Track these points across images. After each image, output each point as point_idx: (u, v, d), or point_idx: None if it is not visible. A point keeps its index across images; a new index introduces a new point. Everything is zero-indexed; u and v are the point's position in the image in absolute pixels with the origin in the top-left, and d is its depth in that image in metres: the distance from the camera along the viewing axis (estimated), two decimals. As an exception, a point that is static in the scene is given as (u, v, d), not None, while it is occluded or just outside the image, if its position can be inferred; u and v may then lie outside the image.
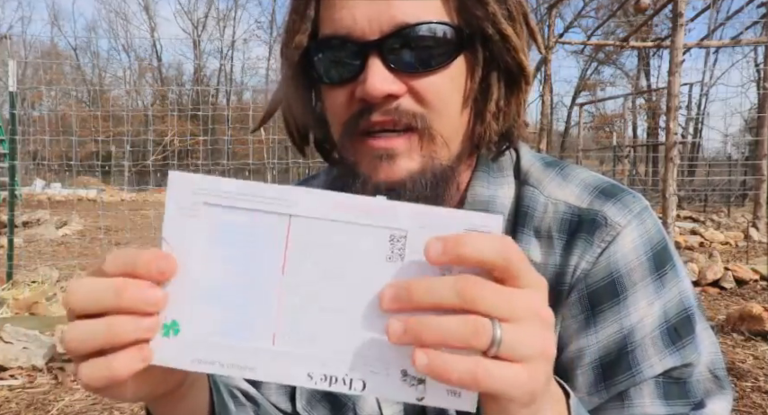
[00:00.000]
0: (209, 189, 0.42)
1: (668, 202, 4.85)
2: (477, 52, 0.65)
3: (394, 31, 0.61)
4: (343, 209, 0.41)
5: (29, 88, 25.66)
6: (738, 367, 3.28)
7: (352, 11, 0.61)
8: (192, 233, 0.43)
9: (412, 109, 0.62)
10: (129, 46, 39.12)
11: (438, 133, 0.64)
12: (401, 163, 0.63)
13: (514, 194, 0.71)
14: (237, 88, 35.28)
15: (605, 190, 0.69)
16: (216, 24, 39.14)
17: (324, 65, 0.65)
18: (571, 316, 0.66)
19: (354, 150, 0.65)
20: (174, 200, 0.43)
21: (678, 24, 4.84)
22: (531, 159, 0.74)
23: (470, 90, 0.66)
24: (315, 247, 0.42)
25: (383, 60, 0.61)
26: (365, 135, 0.64)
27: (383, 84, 0.60)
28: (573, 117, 31.70)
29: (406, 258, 0.41)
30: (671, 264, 0.66)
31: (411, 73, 0.62)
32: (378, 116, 0.62)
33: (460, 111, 0.66)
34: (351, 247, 0.41)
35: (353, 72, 0.62)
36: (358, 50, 0.62)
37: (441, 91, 0.63)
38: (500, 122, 0.68)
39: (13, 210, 5.67)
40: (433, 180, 0.64)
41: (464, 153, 0.69)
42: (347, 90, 0.64)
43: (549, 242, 0.68)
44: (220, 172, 8.90)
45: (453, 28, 0.62)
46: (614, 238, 0.65)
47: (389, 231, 0.41)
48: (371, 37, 0.61)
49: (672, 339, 0.64)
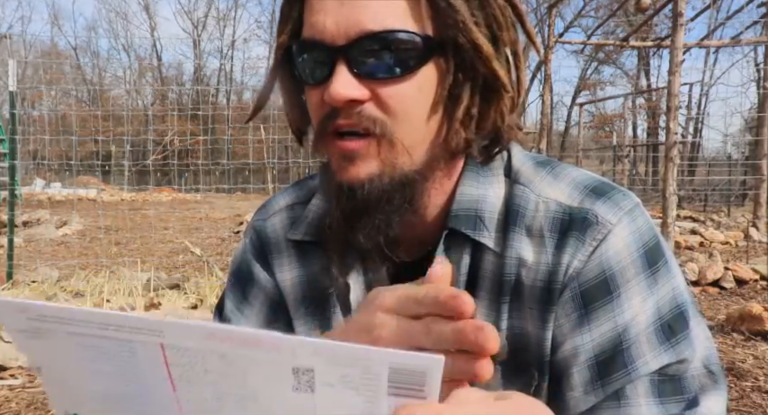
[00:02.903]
0: (46, 316, 0.37)
1: (668, 202, 4.85)
2: (449, 60, 0.65)
3: (359, 38, 0.61)
4: (219, 341, 0.35)
5: (29, 88, 25.66)
6: (738, 367, 3.29)
7: (324, 15, 0.63)
8: (52, 352, 0.39)
9: (373, 115, 0.63)
10: (129, 46, 39.17)
11: (399, 140, 0.64)
12: (360, 164, 0.65)
13: (505, 193, 0.72)
14: (237, 88, 35.31)
15: (596, 189, 0.69)
16: (216, 24, 39.23)
17: (304, 65, 0.66)
18: (564, 315, 0.66)
19: (326, 149, 0.67)
20: (10, 325, 0.38)
21: (678, 24, 4.84)
22: (522, 158, 0.74)
23: (440, 97, 0.65)
24: (201, 373, 0.37)
25: (348, 66, 0.62)
26: (335, 136, 0.65)
27: (345, 90, 0.61)
28: (573, 117, 31.75)
29: (317, 390, 0.36)
30: (663, 261, 0.67)
31: (375, 79, 0.63)
32: (342, 119, 0.64)
33: (427, 119, 0.66)
34: (245, 375, 0.37)
35: (324, 76, 0.64)
36: (327, 55, 0.63)
37: (404, 98, 0.64)
38: (471, 130, 0.67)
39: (13, 210, 5.67)
40: (391, 184, 0.65)
41: (435, 159, 0.69)
42: (320, 92, 0.65)
43: (540, 241, 0.68)
44: (220, 171, 8.90)
45: (421, 37, 0.63)
46: (605, 236, 0.66)
47: (290, 364, 0.36)
48: (339, 42, 0.62)
49: (666, 336, 0.64)
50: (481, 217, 0.69)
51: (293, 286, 0.79)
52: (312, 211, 0.80)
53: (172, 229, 9.90)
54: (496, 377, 0.69)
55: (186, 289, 4.78)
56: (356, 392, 0.36)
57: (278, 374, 0.36)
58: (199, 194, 16.22)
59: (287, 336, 0.35)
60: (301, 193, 0.84)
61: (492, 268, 0.69)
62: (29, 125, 11.98)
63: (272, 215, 0.84)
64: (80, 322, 0.37)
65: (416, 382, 0.35)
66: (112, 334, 0.37)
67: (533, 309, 0.67)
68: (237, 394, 0.37)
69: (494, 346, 0.44)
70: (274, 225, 0.83)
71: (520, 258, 0.68)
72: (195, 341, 0.36)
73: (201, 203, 15.02)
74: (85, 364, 0.39)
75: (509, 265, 0.68)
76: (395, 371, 0.35)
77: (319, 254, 0.78)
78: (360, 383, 0.35)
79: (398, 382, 0.35)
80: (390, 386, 0.35)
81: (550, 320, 0.67)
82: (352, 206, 0.65)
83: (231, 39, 37.71)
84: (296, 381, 0.36)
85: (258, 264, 0.82)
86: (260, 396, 0.37)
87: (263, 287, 0.82)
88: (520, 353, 0.69)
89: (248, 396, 0.37)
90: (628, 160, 15.95)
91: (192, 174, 15.48)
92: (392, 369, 0.35)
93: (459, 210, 0.70)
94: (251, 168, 10.50)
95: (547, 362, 0.67)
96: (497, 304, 0.69)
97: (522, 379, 0.69)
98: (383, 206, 0.65)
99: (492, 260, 0.69)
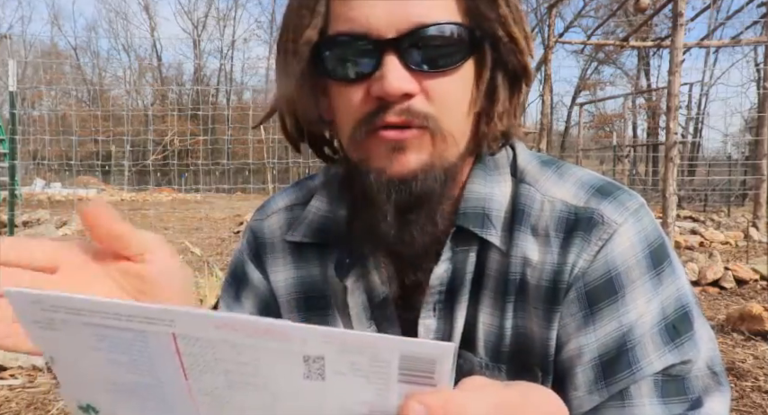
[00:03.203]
0: (59, 306, 0.37)
1: (668, 202, 4.85)
2: (486, 54, 0.65)
3: (410, 31, 0.61)
4: (231, 330, 0.36)
5: (29, 88, 25.65)
6: (738, 367, 3.28)
7: (368, 9, 0.61)
8: (66, 343, 0.39)
9: (424, 109, 0.63)
10: (129, 46, 39.17)
11: (449, 133, 0.64)
12: (412, 155, 0.64)
13: (511, 192, 0.72)
14: (237, 88, 35.30)
15: (602, 189, 0.69)
16: (216, 24, 39.21)
17: (335, 61, 0.64)
18: (569, 314, 0.66)
19: (366, 145, 0.65)
20: (24, 317, 0.39)
21: (678, 24, 4.84)
22: (528, 157, 0.74)
23: (479, 91, 0.66)
24: (213, 362, 0.37)
25: (400, 59, 0.61)
26: (378, 129, 0.64)
27: (401, 83, 0.61)
28: (573, 116, 31.73)
29: (327, 378, 0.36)
30: (668, 261, 0.67)
31: (425, 72, 0.62)
32: (392, 116, 0.62)
33: (468, 111, 0.67)
34: (256, 364, 0.37)
35: (369, 70, 0.62)
36: (374, 48, 0.62)
37: (452, 91, 0.64)
38: (504, 122, 0.69)
39: (13, 210, 5.68)
40: (443, 175, 0.65)
41: (468, 151, 0.70)
42: (362, 88, 0.63)
43: (546, 241, 0.68)
44: (220, 171, 8.91)
45: (467, 29, 0.63)
46: (611, 236, 0.66)
47: (301, 353, 0.36)
48: (388, 35, 0.61)
49: (671, 337, 0.64)
50: (489, 216, 0.69)
51: (286, 288, 0.79)
52: (311, 212, 0.79)
53: (172, 229, 9.90)
54: (501, 377, 0.70)
55: (186, 289, 4.78)
56: (366, 379, 0.36)
57: (289, 362, 0.36)
58: (199, 194, 16.21)
59: (297, 325, 0.35)
60: (300, 194, 0.84)
61: (497, 267, 0.69)
62: (29, 125, 11.98)
63: (270, 215, 0.84)
64: (94, 313, 0.37)
65: (427, 369, 0.35)
66: (125, 325, 0.37)
67: (538, 308, 0.67)
68: (249, 383, 0.38)
69: None
70: (271, 225, 0.82)
71: (525, 257, 0.68)
72: (206, 331, 0.36)
73: (201, 203, 15.01)
74: (100, 354, 0.39)
75: (514, 264, 0.68)
76: (405, 358, 0.35)
77: (317, 256, 0.78)
78: (370, 370, 0.35)
79: (409, 369, 0.35)
80: (401, 374, 0.35)
81: (555, 319, 0.66)
82: (406, 199, 0.64)
83: (231, 39, 37.72)
84: (307, 369, 0.36)
85: (252, 264, 0.82)
86: (271, 384, 0.37)
87: (255, 288, 0.81)
88: (524, 352, 0.69)
89: (260, 384, 0.37)
90: (628, 160, 15.94)
91: (192, 174, 15.49)
92: (402, 357, 0.34)
93: (468, 208, 0.70)
94: (251, 168, 10.50)
95: (551, 361, 0.67)
96: (502, 302, 0.69)
97: (526, 378, 0.68)
98: (437, 197, 0.65)
99: (498, 258, 0.69)
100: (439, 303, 0.71)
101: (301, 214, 0.80)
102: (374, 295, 0.74)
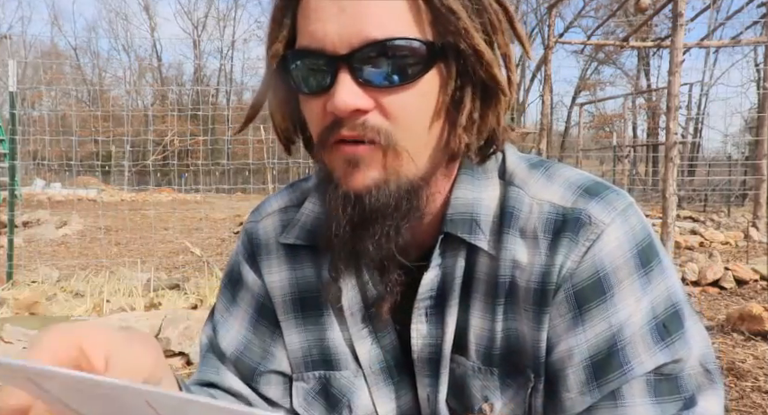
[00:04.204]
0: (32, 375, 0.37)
1: (668, 202, 4.84)
2: (450, 66, 0.64)
3: (363, 46, 0.60)
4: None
5: (29, 88, 25.67)
6: (738, 367, 3.28)
7: (323, 24, 0.61)
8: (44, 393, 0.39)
9: (377, 125, 0.62)
10: (129, 46, 39.25)
11: (403, 149, 0.63)
12: (366, 170, 0.63)
13: (499, 195, 0.71)
14: (237, 88, 35.31)
15: (589, 189, 0.69)
16: (216, 24, 39.22)
17: (300, 74, 0.65)
18: (559, 316, 0.66)
19: (328, 157, 0.66)
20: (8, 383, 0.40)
21: (678, 24, 4.84)
22: (516, 160, 0.74)
23: (442, 103, 0.65)
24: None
25: (352, 75, 0.61)
26: (337, 142, 0.64)
27: (351, 99, 0.60)
28: (573, 117, 31.74)
29: None
30: (657, 260, 0.66)
31: (379, 88, 0.62)
32: (346, 130, 0.62)
33: (429, 125, 0.65)
34: None
35: (325, 85, 0.62)
36: (328, 64, 0.61)
37: (408, 106, 0.63)
38: (473, 134, 0.67)
39: (13, 210, 5.67)
40: (398, 192, 0.64)
41: (437, 164, 0.69)
42: (320, 101, 0.64)
43: (534, 243, 0.68)
44: (220, 172, 8.91)
45: (424, 43, 0.62)
46: (599, 236, 0.65)
47: None
48: (341, 51, 0.61)
49: (661, 336, 0.64)
50: (477, 221, 0.69)
51: (282, 288, 0.79)
52: (305, 215, 0.80)
53: (172, 229, 9.90)
54: (493, 380, 0.70)
55: (186, 289, 4.78)
56: None
57: None
58: (199, 194, 16.20)
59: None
60: (294, 196, 0.84)
61: (487, 270, 0.69)
62: (29, 125, 11.96)
63: (265, 217, 0.84)
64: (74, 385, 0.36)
65: None
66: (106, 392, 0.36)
67: (528, 310, 0.67)
68: None
69: None
70: (266, 227, 0.83)
71: (514, 259, 0.68)
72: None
73: (201, 203, 15.00)
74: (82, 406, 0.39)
75: (503, 267, 0.68)
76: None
77: (310, 257, 0.78)
78: None
79: None
80: None
81: (545, 321, 0.66)
82: (360, 214, 0.64)
83: (231, 40, 37.74)
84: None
85: (248, 265, 0.82)
86: None
87: (251, 289, 0.82)
88: (515, 355, 0.69)
89: None
90: (628, 160, 15.94)
91: (192, 174, 15.47)
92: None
93: (455, 214, 0.70)
94: (251, 168, 10.49)
95: (542, 363, 0.67)
96: (492, 305, 0.69)
97: (518, 380, 0.69)
98: (391, 213, 0.64)
99: (487, 262, 0.69)
100: (430, 308, 0.71)
101: (295, 216, 0.81)
102: (369, 296, 0.74)
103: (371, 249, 0.66)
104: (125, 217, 10.22)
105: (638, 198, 14.81)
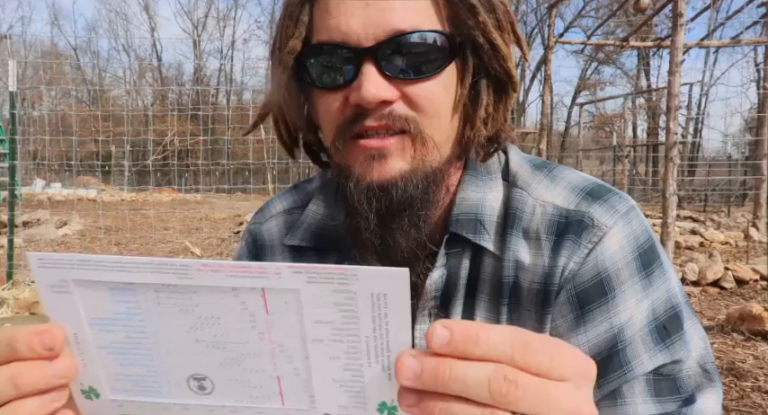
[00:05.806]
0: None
1: (668, 202, 4.85)
2: (468, 60, 0.66)
3: (388, 38, 0.62)
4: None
5: (29, 88, 25.68)
6: (738, 367, 3.29)
7: (347, 17, 0.62)
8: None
9: (404, 113, 0.64)
10: (129, 46, 39.19)
11: (429, 137, 0.65)
12: (392, 162, 0.64)
13: (503, 196, 0.72)
14: (237, 88, 35.35)
15: (592, 192, 0.70)
16: (216, 24, 39.25)
17: (317, 70, 0.66)
18: (561, 316, 0.67)
19: (347, 152, 0.66)
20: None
21: (678, 24, 4.84)
22: (520, 161, 0.75)
23: (461, 96, 0.67)
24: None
25: (377, 66, 0.62)
26: (358, 137, 0.65)
27: (378, 90, 0.62)
28: (573, 117, 31.76)
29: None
30: (658, 263, 0.67)
31: (404, 79, 0.63)
32: (371, 121, 0.63)
33: (451, 116, 0.67)
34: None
35: (348, 78, 0.63)
36: (353, 56, 0.63)
37: (433, 97, 0.64)
38: (488, 127, 0.69)
39: (13, 210, 5.67)
40: (424, 181, 0.65)
41: (453, 156, 0.70)
42: (341, 95, 0.65)
43: (537, 244, 0.69)
44: (220, 172, 8.91)
45: (446, 36, 0.64)
46: (601, 239, 0.66)
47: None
48: (366, 43, 0.62)
49: (661, 337, 0.65)
50: (482, 221, 0.70)
51: None
52: (309, 216, 0.80)
53: (172, 229, 9.90)
54: None
55: (186, 289, 4.78)
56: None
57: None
58: (199, 194, 16.22)
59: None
60: (298, 197, 0.84)
61: (491, 270, 0.70)
62: (29, 125, 11.97)
63: (269, 218, 0.84)
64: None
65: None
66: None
67: (531, 311, 0.68)
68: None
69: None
70: (270, 229, 0.83)
71: (517, 260, 0.68)
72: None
73: (201, 203, 15.02)
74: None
75: (507, 268, 0.69)
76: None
77: (315, 259, 0.78)
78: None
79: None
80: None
81: (547, 321, 0.67)
82: (387, 206, 0.65)
83: (231, 40, 37.76)
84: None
85: None
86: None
87: None
88: None
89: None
90: (628, 160, 15.94)
91: (192, 174, 15.51)
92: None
93: (461, 214, 0.70)
94: (251, 168, 10.51)
95: None
96: (497, 306, 0.69)
97: None
98: (419, 202, 0.66)
99: (491, 262, 0.70)
100: (434, 308, 0.72)
101: (299, 217, 0.81)
102: None
103: (400, 240, 0.67)
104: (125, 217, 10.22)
105: (638, 197, 14.81)
